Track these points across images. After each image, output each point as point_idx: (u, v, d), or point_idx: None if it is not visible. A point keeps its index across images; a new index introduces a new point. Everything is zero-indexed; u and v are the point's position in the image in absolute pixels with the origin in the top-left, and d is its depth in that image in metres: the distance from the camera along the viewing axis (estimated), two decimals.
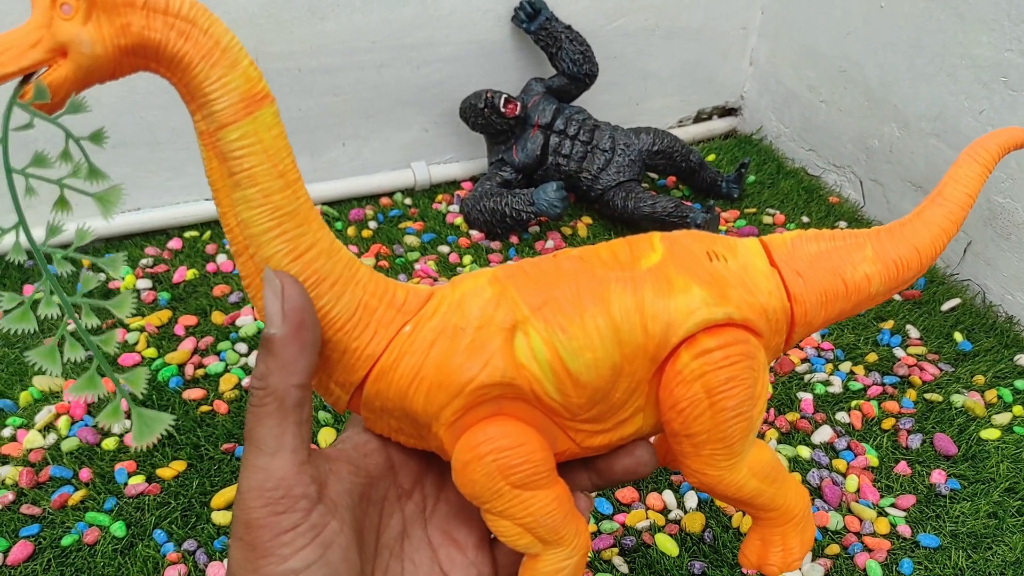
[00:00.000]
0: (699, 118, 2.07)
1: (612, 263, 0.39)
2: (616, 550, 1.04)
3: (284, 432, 0.33)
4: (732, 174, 1.76)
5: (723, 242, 0.41)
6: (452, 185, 1.80)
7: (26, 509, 1.06)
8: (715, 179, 1.75)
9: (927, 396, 1.27)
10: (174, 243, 1.55)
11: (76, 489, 1.09)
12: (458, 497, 0.38)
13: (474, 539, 0.40)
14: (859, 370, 1.33)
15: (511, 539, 0.37)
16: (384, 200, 1.73)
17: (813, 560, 1.04)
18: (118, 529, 1.04)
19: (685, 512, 1.10)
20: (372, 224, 1.65)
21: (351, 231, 1.62)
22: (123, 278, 1.44)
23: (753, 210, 1.74)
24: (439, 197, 1.75)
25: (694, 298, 0.37)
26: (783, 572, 0.42)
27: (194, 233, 1.58)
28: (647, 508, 1.10)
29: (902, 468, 1.16)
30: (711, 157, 1.94)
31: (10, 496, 1.07)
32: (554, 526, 0.37)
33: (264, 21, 1.46)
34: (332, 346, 0.36)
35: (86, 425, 1.18)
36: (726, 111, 2.09)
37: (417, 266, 1.53)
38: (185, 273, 1.47)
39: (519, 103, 1.61)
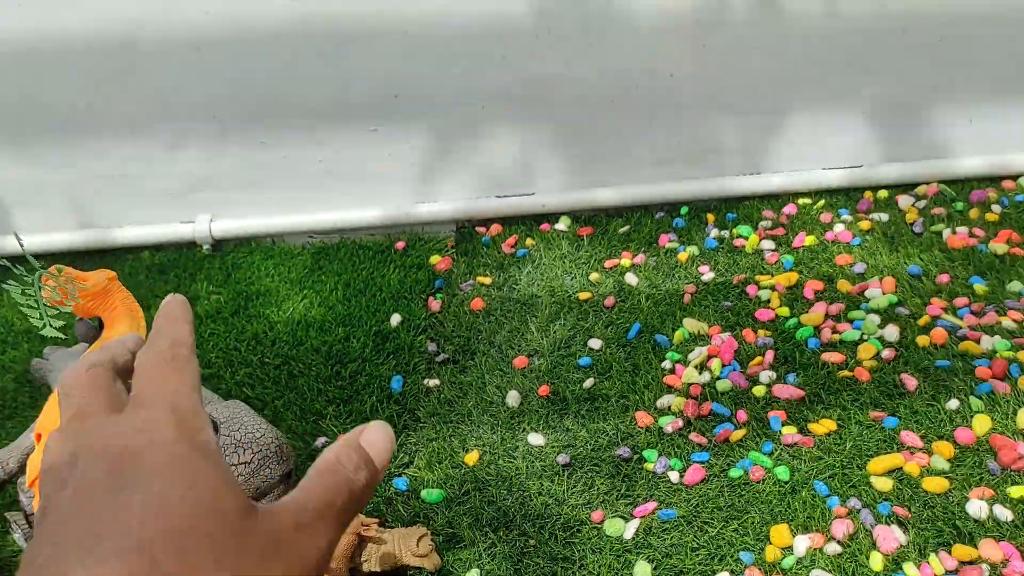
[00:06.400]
0: None
1: None
2: None
3: None
4: None
5: None
6: None
7: (694, 437, 1.19)
8: None
9: None
10: (789, 208, 1.60)
11: (736, 428, 1.19)
12: None
13: None
14: None
15: None
16: (1007, 183, 1.60)
17: None
18: (782, 472, 1.11)
19: None
20: (995, 208, 1.54)
21: (973, 213, 1.52)
22: (746, 237, 1.53)
23: None
24: None
25: None
26: None
27: (807, 200, 1.62)
28: None
29: None
30: None
31: (679, 423, 1.20)
32: None
33: None
34: None
35: (734, 370, 1.28)
36: None
37: None
38: (804, 239, 1.51)
39: None
